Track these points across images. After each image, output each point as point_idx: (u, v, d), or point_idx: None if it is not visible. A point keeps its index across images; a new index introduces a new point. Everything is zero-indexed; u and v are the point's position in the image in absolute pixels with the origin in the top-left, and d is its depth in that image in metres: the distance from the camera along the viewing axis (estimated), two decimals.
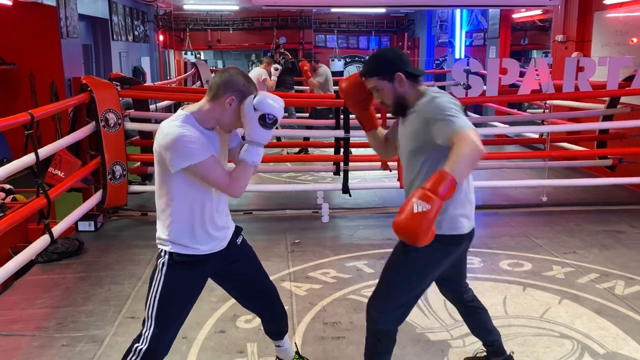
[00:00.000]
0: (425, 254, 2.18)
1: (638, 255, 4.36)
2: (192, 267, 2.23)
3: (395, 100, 2.24)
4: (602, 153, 6.09)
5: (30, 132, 3.83)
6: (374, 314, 2.36)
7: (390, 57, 2.26)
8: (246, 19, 16.43)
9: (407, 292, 2.31)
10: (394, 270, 2.33)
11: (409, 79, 2.22)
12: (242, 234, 2.44)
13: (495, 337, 2.63)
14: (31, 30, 8.17)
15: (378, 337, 2.38)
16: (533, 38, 14.51)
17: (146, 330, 2.18)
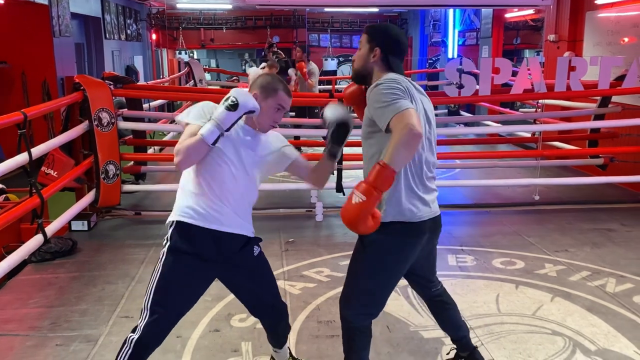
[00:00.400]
0: (382, 245, 2.21)
1: (629, 253, 4.40)
2: (188, 250, 2.21)
3: (359, 67, 2.33)
4: (593, 152, 6.14)
5: (23, 132, 3.82)
6: (343, 312, 2.38)
7: (387, 31, 2.31)
8: (239, 18, 16.41)
9: (371, 286, 2.30)
10: (355, 266, 2.34)
11: (383, 62, 2.26)
12: (259, 245, 2.41)
13: (464, 333, 2.63)
14: (23, 29, 8.13)
15: (350, 335, 2.39)
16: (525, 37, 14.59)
17: (141, 321, 2.19)
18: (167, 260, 2.22)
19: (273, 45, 12.41)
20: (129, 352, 2.16)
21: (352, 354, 2.41)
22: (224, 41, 16.76)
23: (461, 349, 2.66)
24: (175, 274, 2.21)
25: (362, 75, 2.33)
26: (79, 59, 10.51)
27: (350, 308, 2.35)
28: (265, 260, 2.46)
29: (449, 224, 5.32)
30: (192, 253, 2.22)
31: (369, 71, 2.29)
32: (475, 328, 3.18)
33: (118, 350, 2.20)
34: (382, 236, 2.17)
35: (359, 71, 2.34)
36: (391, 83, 2.11)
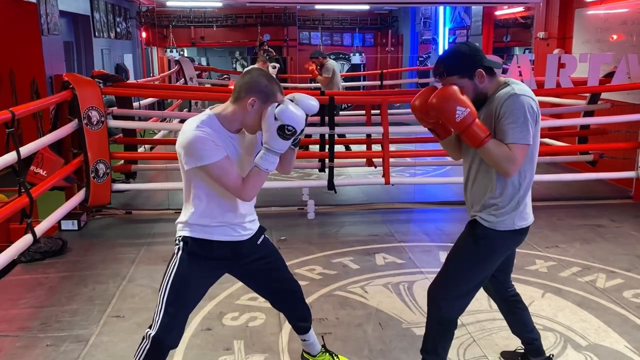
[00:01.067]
0: (494, 241, 2.28)
1: (618, 249, 4.44)
2: (206, 256, 2.25)
3: (475, 97, 2.20)
4: (583, 148, 6.17)
5: (11, 130, 3.78)
6: (439, 302, 2.36)
7: (468, 53, 2.22)
8: (230, 16, 16.34)
9: (473, 279, 2.34)
10: (462, 258, 2.36)
11: (488, 74, 2.21)
12: (264, 234, 2.44)
13: (535, 337, 2.65)
14: (11, 27, 8.04)
15: (443, 325, 2.39)
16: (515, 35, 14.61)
17: (157, 316, 2.21)
18: (180, 261, 2.25)
19: (264, 43, 12.37)
20: (147, 347, 2.19)
21: (439, 343, 2.41)
22: (214, 39, 16.67)
23: (532, 353, 2.68)
24: (189, 274, 2.24)
25: (482, 102, 2.24)
26: (68, 58, 10.42)
27: (448, 299, 2.35)
28: (271, 244, 2.50)
29: (440, 220, 5.33)
30: (204, 256, 2.26)
31: (484, 92, 2.23)
32: (467, 324, 3.19)
33: (137, 346, 2.24)
34: (496, 233, 2.28)
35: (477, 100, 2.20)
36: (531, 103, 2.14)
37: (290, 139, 2.10)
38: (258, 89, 2.13)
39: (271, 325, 3.22)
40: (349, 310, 3.43)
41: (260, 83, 2.14)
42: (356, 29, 17.23)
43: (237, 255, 2.33)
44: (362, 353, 2.93)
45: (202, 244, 2.24)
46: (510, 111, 2.11)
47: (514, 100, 2.12)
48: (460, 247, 2.40)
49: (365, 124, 5.88)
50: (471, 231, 2.36)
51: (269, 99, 2.13)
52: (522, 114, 2.11)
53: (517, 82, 2.24)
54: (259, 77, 2.16)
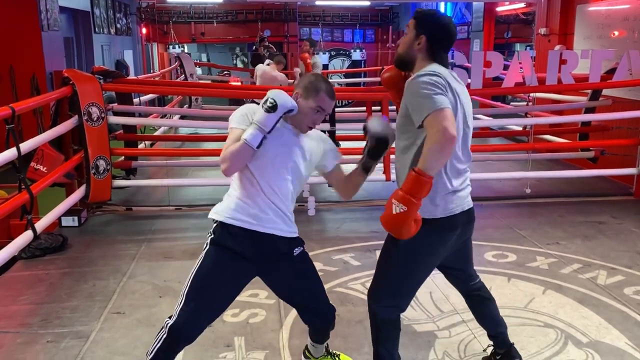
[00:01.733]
0: (413, 239, 2.17)
1: (619, 246, 4.43)
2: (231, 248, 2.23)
3: (402, 52, 2.24)
4: (584, 145, 6.17)
5: (11, 127, 3.77)
6: (372, 303, 2.36)
7: (436, 19, 2.24)
8: (230, 12, 16.32)
9: (402, 279, 2.30)
10: (387, 258, 2.33)
11: (427, 51, 2.19)
12: (302, 246, 2.40)
13: (501, 329, 2.62)
14: (11, 23, 8.03)
15: (379, 327, 2.38)
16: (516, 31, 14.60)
17: (177, 307, 2.22)
18: (209, 251, 2.26)
19: (264, 39, 12.36)
20: (164, 336, 2.20)
21: (380, 346, 2.40)
22: (214, 35, 16.66)
23: (498, 345, 2.66)
24: (215, 264, 2.24)
25: (404, 62, 2.26)
26: (68, 54, 10.40)
27: (378, 300, 2.34)
28: (309, 262, 2.44)
29: None
30: (233, 249, 2.24)
31: (412, 58, 2.23)
32: (467, 321, 3.19)
33: (155, 335, 2.24)
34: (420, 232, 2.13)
35: (402, 57, 2.26)
36: (432, 76, 2.05)
37: (270, 112, 2.11)
38: (303, 84, 2.27)
39: (272, 321, 3.22)
40: (349, 306, 3.42)
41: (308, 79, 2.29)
42: (357, 25, 17.22)
43: (262, 253, 2.26)
44: (362, 350, 2.92)
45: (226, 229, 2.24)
46: (410, 91, 2.08)
47: (412, 82, 2.09)
48: (383, 248, 2.35)
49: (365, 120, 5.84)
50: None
51: (310, 95, 2.23)
52: (419, 89, 2.03)
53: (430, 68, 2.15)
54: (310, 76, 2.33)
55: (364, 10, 17.03)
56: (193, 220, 5.17)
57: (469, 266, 2.53)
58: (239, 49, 17.92)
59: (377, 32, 17.44)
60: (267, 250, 2.28)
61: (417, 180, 1.94)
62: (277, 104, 2.11)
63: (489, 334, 2.67)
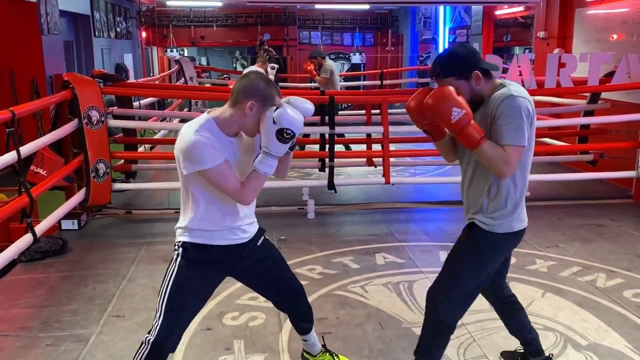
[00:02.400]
0: (495, 244, 2.29)
1: (619, 249, 4.44)
2: (206, 261, 2.25)
3: (471, 98, 2.20)
4: (583, 148, 6.17)
5: (11, 130, 3.78)
6: (438, 305, 2.35)
7: (465, 55, 2.22)
8: (230, 16, 16.33)
9: (472, 282, 2.33)
10: (461, 261, 2.35)
11: (484, 76, 2.20)
12: (264, 235, 2.44)
13: (533, 336, 2.64)
14: (11, 27, 8.04)
15: (440, 329, 2.37)
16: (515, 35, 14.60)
17: (156, 321, 2.21)
18: (180, 265, 2.24)
19: (264, 43, 12.37)
20: (146, 352, 2.19)
21: (434, 348, 2.40)
22: (214, 39, 16.66)
23: (532, 353, 2.67)
24: (189, 279, 2.24)
25: (478, 103, 2.23)
26: (68, 57, 10.41)
27: (447, 302, 2.33)
28: (271, 246, 2.50)
29: (440, 220, 5.33)
30: (204, 261, 2.25)
31: (480, 94, 2.22)
32: (467, 324, 3.19)
33: (136, 351, 2.23)
34: (495, 238, 2.29)
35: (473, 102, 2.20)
36: (527, 104, 2.14)
37: (289, 142, 2.10)
38: (256, 92, 2.12)
39: (271, 324, 3.22)
40: (349, 309, 3.43)
41: (258, 86, 2.13)
42: (356, 28, 17.22)
43: (237, 258, 2.33)
44: (362, 353, 2.93)
45: (201, 249, 2.24)
46: (506, 112, 2.11)
47: (510, 101, 2.11)
48: (459, 250, 2.40)
49: (365, 123, 5.87)
50: (469, 234, 2.36)
51: (268, 102, 2.12)
52: (518, 115, 2.11)
53: (513, 83, 2.23)
54: (256, 80, 2.15)
55: (364, 14, 17.04)
56: None
57: (506, 274, 2.61)
58: (238, 53, 17.92)
59: (376, 36, 17.44)
60: (241, 252, 2.32)
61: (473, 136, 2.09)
62: (295, 134, 2.10)
63: (521, 342, 2.70)
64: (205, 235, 2.23)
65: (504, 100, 2.12)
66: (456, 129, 2.09)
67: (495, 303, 2.66)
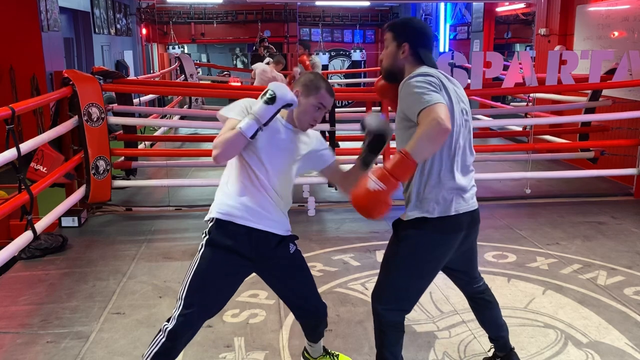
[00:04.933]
0: (416, 241, 2.20)
1: (619, 246, 4.43)
2: (230, 248, 2.23)
3: (389, 65, 2.26)
4: (584, 145, 6.17)
5: (11, 127, 3.77)
6: (376, 306, 2.35)
7: (412, 25, 2.28)
8: (230, 12, 16.32)
9: (404, 281, 2.28)
10: (389, 261, 2.32)
11: (413, 56, 2.21)
12: (295, 243, 2.41)
13: (502, 333, 2.61)
14: (11, 24, 8.04)
15: (383, 329, 2.36)
16: (516, 32, 14.61)
17: (175, 310, 2.20)
18: (204, 253, 2.24)
19: (264, 40, 12.36)
20: (162, 340, 2.18)
21: (384, 349, 2.39)
22: (214, 35, 16.66)
23: (499, 348, 2.65)
24: (212, 266, 2.22)
25: (393, 73, 2.26)
26: (68, 54, 10.41)
27: (382, 302, 2.33)
28: (302, 259, 2.45)
29: None
30: (229, 248, 2.23)
31: (400, 68, 2.24)
32: (467, 322, 3.19)
33: (153, 338, 2.22)
34: (416, 231, 2.18)
35: (389, 70, 2.28)
36: (424, 76, 2.06)
37: (269, 104, 2.10)
38: (303, 82, 2.27)
39: (272, 322, 3.22)
40: (349, 307, 3.42)
41: (308, 78, 2.29)
42: (357, 25, 17.21)
43: (254, 247, 2.27)
44: (362, 350, 2.92)
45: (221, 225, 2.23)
46: (404, 93, 2.08)
47: (405, 85, 2.09)
48: (387, 250, 2.35)
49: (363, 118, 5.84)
50: (394, 230, 2.30)
51: (311, 92, 2.24)
52: (412, 88, 2.03)
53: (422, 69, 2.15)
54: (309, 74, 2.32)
55: (364, 11, 17.03)
56: (193, 220, 5.17)
57: (473, 269, 2.51)
58: (239, 50, 17.92)
59: (377, 33, 17.44)
60: (264, 247, 2.28)
61: (402, 162, 1.91)
62: (277, 96, 2.10)
63: (490, 337, 2.66)
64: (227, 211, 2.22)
65: (404, 83, 2.10)
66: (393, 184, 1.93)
67: (468, 299, 2.62)
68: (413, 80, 2.05)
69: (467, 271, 2.50)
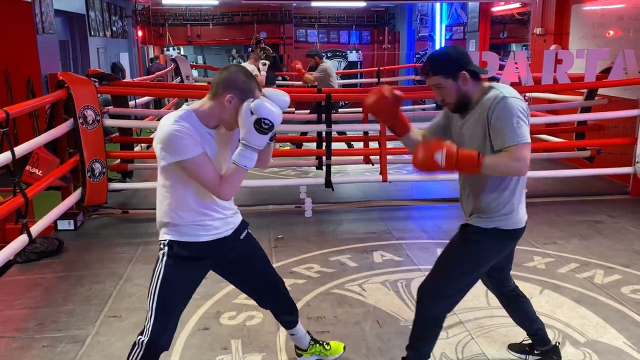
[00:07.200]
0: (486, 245, 2.32)
1: (616, 245, 4.43)
2: (192, 257, 2.23)
3: (458, 99, 2.25)
4: (580, 144, 6.17)
5: (5, 130, 3.75)
6: (426, 300, 2.40)
7: (454, 55, 2.27)
8: (226, 14, 16.30)
9: (462, 280, 2.37)
10: (453, 258, 2.40)
11: (472, 77, 2.24)
12: (247, 229, 2.43)
13: (539, 326, 2.68)
14: (6, 26, 8.00)
15: (428, 324, 2.43)
16: (512, 31, 14.63)
17: (147, 322, 2.19)
18: (167, 265, 2.22)
19: (261, 41, 12.35)
20: (140, 353, 2.17)
21: (422, 342, 2.45)
22: (210, 37, 16.64)
23: (538, 343, 2.72)
24: (177, 277, 2.23)
25: (465, 104, 2.26)
26: (63, 57, 10.38)
27: (436, 298, 2.39)
28: (254, 239, 2.47)
29: (438, 217, 5.32)
30: (190, 258, 2.24)
31: (467, 95, 2.25)
32: (465, 322, 3.18)
33: (128, 353, 2.21)
34: (488, 238, 2.32)
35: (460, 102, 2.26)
36: (522, 102, 2.16)
37: (268, 133, 2.06)
38: (236, 85, 2.10)
39: (269, 324, 3.21)
40: (346, 308, 3.42)
41: (239, 79, 2.11)
42: (353, 26, 17.21)
43: (221, 250, 2.30)
44: (360, 351, 2.92)
45: (187, 246, 2.22)
46: (503, 114, 2.13)
47: (504, 103, 2.13)
48: (451, 247, 2.44)
49: (362, 121, 5.85)
50: (463, 232, 2.40)
51: (247, 96, 2.09)
52: (515, 115, 2.12)
53: (502, 85, 2.26)
54: (237, 73, 2.13)
55: (360, 12, 17.03)
56: None
57: (509, 270, 2.62)
58: (235, 51, 17.89)
59: (373, 33, 17.44)
60: (223, 247, 2.31)
61: (472, 161, 2.06)
62: (274, 125, 2.05)
63: (527, 333, 2.73)
64: (189, 232, 2.21)
65: (499, 102, 2.14)
66: (450, 167, 2.09)
67: (499, 297, 2.70)
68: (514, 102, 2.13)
69: (504, 272, 2.59)
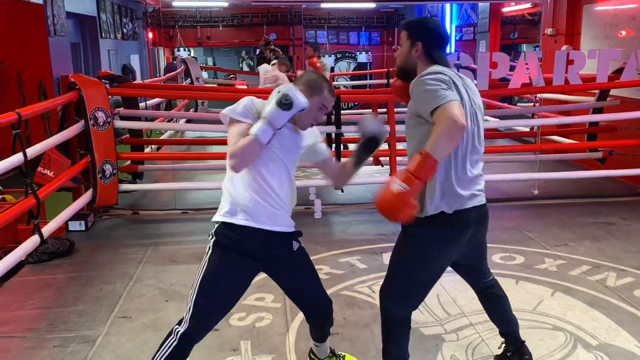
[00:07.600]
0: (424, 238, 2.22)
1: (629, 247, 4.39)
2: (238, 249, 2.23)
3: (402, 63, 2.31)
4: (592, 146, 6.12)
5: (17, 132, 3.78)
6: (383, 301, 2.39)
7: (427, 26, 2.31)
8: (236, 16, 16.37)
9: (412, 278, 2.31)
10: (398, 257, 2.36)
11: (426, 55, 2.25)
12: (300, 240, 2.42)
13: (513, 327, 2.63)
14: (18, 29, 8.08)
15: (390, 325, 2.39)
16: (523, 32, 14.55)
17: (187, 314, 2.20)
18: (212, 255, 2.24)
19: (270, 43, 12.38)
20: (174, 343, 2.18)
21: (390, 344, 2.41)
22: (220, 39, 16.72)
23: (509, 342, 2.67)
24: (221, 268, 2.22)
25: (406, 72, 2.31)
26: (75, 59, 10.47)
27: (390, 298, 2.36)
28: (306, 255, 2.46)
29: None
30: (237, 249, 2.23)
31: (413, 67, 2.28)
32: (475, 324, 3.16)
33: (162, 340, 2.22)
34: (424, 229, 2.20)
35: (403, 68, 2.33)
36: (436, 74, 2.10)
37: (285, 109, 2.07)
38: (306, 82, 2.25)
39: (278, 325, 3.20)
40: (356, 310, 3.41)
41: (311, 78, 2.28)
42: (362, 27, 17.21)
43: (267, 248, 2.28)
44: (369, 353, 2.91)
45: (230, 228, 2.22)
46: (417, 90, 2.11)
47: (413, 84, 2.15)
48: (395, 246, 2.39)
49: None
50: (403, 228, 2.31)
51: (315, 93, 2.22)
52: (427, 84, 2.07)
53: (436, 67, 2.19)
54: (312, 74, 2.34)
55: (369, 13, 17.03)
56: (200, 224, 5.17)
57: (483, 264, 2.54)
58: (244, 53, 17.96)
59: (382, 34, 17.43)
60: (270, 246, 2.29)
61: (424, 162, 1.94)
62: (293, 102, 2.07)
63: (500, 332, 2.67)
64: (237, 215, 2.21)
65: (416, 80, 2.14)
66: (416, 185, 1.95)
67: (476, 294, 2.63)
68: (425, 78, 2.09)
69: (477, 266, 2.52)
